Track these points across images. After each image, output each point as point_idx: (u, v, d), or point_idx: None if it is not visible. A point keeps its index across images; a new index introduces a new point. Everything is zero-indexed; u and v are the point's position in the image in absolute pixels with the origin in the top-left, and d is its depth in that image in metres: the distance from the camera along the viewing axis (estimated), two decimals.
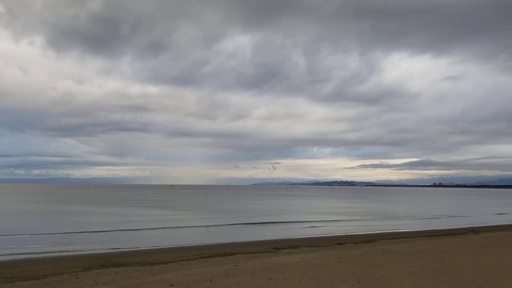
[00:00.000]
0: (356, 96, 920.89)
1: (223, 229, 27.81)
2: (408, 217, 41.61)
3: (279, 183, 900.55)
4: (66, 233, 23.73)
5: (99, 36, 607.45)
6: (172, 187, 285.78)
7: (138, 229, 26.47)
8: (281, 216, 38.56)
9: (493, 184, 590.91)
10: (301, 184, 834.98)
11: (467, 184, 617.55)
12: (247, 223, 31.70)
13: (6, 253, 16.66)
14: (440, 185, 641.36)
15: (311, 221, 33.97)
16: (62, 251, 17.29)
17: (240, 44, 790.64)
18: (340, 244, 19.03)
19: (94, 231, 24.72)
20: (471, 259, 13.56)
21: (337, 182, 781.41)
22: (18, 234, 22.84)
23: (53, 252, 17.09)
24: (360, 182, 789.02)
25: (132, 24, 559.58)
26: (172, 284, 9.83)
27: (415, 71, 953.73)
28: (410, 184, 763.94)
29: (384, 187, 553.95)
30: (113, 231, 25.15)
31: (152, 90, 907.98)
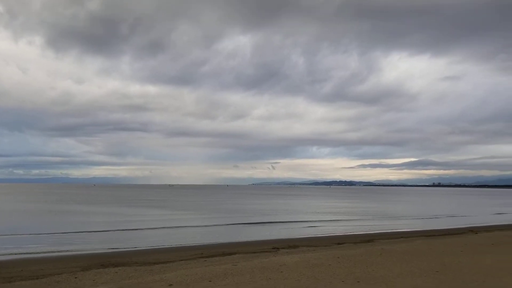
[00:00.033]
0: (356, 96, 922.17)
1: (222, 229, 27.82)
2: (407, 217, 41.65)
3: (278, 183, 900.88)
4: (65, 233, 23.72)
5: (98, 36, 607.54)
6: (171, 187, 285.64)
7: (137, 229, 26.48)
8: (280, 216, 38.57)
9: (492, 184, 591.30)
10: (300, 184, 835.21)
11: (466, 184, 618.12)
12: (246, 223, 31.71)
13: (5, 253, 16.63)
14: (439, 185, 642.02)
15: (310, 221, 33.98)
16: (61, 251, 17.28)
17: (240, 44, 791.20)
18: (339, 244, 19.05)
19: (93, 231, 24.72)
20: (470, 259, 13.58)
21: (336, 182, 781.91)
22: (17, 234, 22.82)
23: (52, 252, 17.08)
24: (359, 182, 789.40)
25: (131, 24, 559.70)
26: (171, 284, 9.83)
27: (415, 71, 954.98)
28: (409, 184, 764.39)
29: (383, 187, 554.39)
30: (112, 231, 25.14)
31: (152, 90, 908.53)
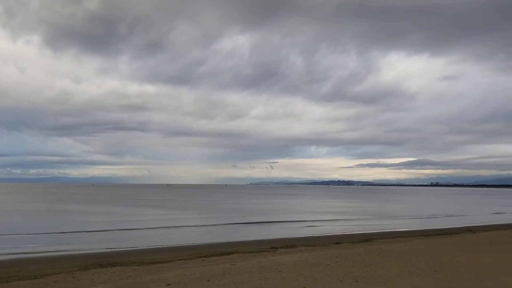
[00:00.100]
0: (354, 96, 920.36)
1: (221, 228, 27.81)
2: (406, 216, 41.72)
3: (277, 183, 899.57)
4: (63, 232, 23.67)
5: (96, 35, 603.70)
6: (169, 186, 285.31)
7: (135, 228, 26.45)
8: (278, 216, 38.59)
9: (490, 184, 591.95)
10: (298, 183, 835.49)
11: (464, 184, 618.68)
12: (245, 222, 31.71)
13: (3, 252, 16.57)
14: (437, 184, 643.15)
15: (309, 220, 34.00)
16: (59, 251, 17.24)
17: (238, 43, 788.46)
18: (337, 243, 19.06)
19: (91, 231, 24.68)
20: (468, 258, 13.60)
21: (334, 181, 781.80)
22: (15, 234, 22.76)
23: (50, 251, 17.04)
24: (358, 181, 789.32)
25: (130, 23, 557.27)
26: (169, 284, 9.81)
27: (413, 71, 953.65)
28: (407, 183, 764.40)
29: (381, 186, 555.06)
30: (110, 230, 25.10)
31: (150, 89, 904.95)
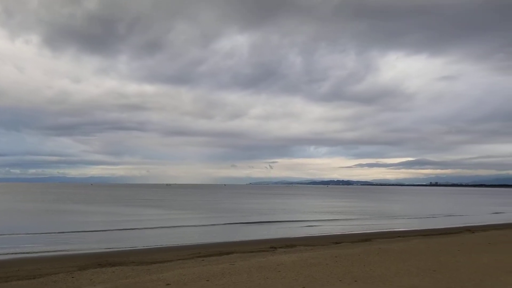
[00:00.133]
0: (353, 96, 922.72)
1: (220, 228, 27.81)
2: (405, 216, 41.74)
3: (276, 182, 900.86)
4: (62, 232, 23.64)
5: (95, 35, 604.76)
6: (168, 186, 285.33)
7: (134, 228, 26.42)
8: (277, 215, 38.58)
9: (489, 184, 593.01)
10: (297, 183, 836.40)
11: (463, 184, 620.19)
12: (244, 222, 31.71)
13: (1, 252, 16.54)
14: (436, 184, 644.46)
15: (308, 220, 34.00)
16: (58, 251, 17.22)
17: (237, 43, 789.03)
18: (336, 243, 19.07)
19: (90, 231, 24.65)
20: (467, 258, 13.62)
21: (333, 181, 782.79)
22: (14, 234, 22.72)
23: (48, 251, 17.02)
24: (357, 181, 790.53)
25: (129, 23, 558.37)
26: (168, 283, 9.81)
27: (412, 71, 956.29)
28: (406, 183, 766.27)
29: (380, 186, 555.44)
30: (109, 230, 25.08)
31: (149, 89, 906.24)
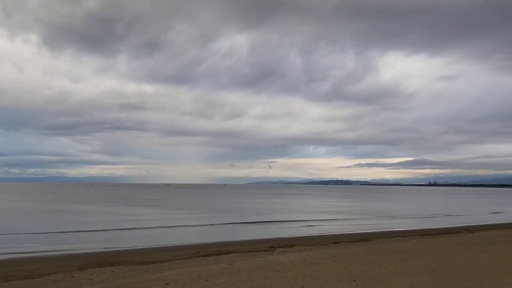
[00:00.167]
0: (352, 96, 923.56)
1: (219, 228, 27.82)
2: (404, 216, 41.79)
3: (275, 182, 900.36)
4: (62, 232, 23.64)
5: (95, 35, 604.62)
6: (167, 186, 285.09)
7: (133, 228, 26.42)
8: (276, 215, 38.60)
9: (488, 184, 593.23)
10: (297, 183, 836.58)
11: (462, 183, 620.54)
12: (243, 222, 31.72)
13: (1, 252, 16.54)
14: (435, 184, 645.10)
15: (307, 220, 34.03)
16: (57, 250, 17.22)
17: (236, 43, 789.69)
18: (335, 243, 19.08)
19: (90, 230, 24.65)
20: (466, 257, 13.64)
21: (332, 181, 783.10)
22: (13, 233, 22.72)
23: (48, 251, 17.02)
24: (356, 181, 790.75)
25: (128, 23, 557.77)
26: (168, 283, 9.82)
27: (411, 71, 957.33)
28: (405, 183, 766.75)
29: (379, 186, 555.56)
30: (108, 230, 25.08)
31: (148, 89, 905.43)
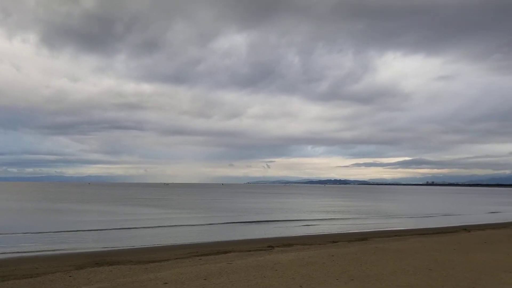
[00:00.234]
0: (350, 95, 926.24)
1: (217, 227, 27.83)
2: (401, 215, 41.89)
3: (273, 182, 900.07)
4: (59, 231, 23.61)
5: (93, 34, 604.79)
6: (166, 185, 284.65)
7: (132, 227, 26.40)
8: (275, 215, 38.64)
9: (485, 183, 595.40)
10: (295, 182, 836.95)
11: (460, 183, 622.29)
12: (241, 221, 31.75)
13: None
14: (432, 183, 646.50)
15: (305, 219, 34.06)
16: (55, 250, 17.21)
17: (235, 43, 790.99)
18: (333, 242, 19.11)
19: (88, 230, 24.62)
20: (463, 257, 13.70)
21: (331, 180, 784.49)
22: (11, 233, 22.69)
23: (46, 250, 17.00)
24: (354, 180, 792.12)
25: (127, 22, 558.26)
26: (166, 282, 9.84)
27: (409, 71, 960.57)
28: (403, 182, 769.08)
29: (377, 185, 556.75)
30: (106, 229, 25.06)
31: (147, 88, 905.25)
